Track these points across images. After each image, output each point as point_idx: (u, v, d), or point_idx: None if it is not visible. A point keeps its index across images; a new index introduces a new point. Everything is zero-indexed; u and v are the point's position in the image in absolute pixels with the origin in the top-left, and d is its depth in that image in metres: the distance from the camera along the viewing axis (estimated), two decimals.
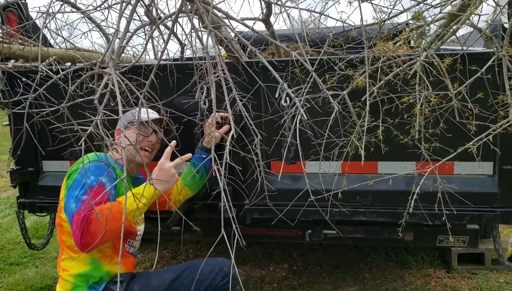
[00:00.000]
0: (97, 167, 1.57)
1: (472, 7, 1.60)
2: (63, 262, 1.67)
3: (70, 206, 1.51)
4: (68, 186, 1.59)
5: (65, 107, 1.14)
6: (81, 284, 1.62)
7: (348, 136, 1.72)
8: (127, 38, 1.25)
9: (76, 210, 1.46)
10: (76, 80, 1.22)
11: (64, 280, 1.66)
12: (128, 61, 2.60)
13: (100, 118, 0.99)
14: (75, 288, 1.63)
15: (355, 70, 1.73)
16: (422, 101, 1.62)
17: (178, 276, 1.71)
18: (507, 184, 1.87)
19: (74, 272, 1.63)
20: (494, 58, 1.52)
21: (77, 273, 1.63)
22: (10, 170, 2.31)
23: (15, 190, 2.40)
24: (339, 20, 1.73)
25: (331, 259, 3.36)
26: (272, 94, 1.94)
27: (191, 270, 1.72)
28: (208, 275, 1.71)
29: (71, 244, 1.61)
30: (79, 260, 1.63)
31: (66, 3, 2.01)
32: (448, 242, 2.22)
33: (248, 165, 1.96)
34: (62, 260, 1.67)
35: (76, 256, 1.63)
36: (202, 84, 1.43)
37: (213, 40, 1.20)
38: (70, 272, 1.64)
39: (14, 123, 2.22)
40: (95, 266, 1.64)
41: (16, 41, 2.27)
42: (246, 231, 1.91)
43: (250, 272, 3.16)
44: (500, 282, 2.87)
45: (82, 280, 1.63)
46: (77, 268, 1.63)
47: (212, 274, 1.72)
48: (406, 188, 1.89)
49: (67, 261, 1.65)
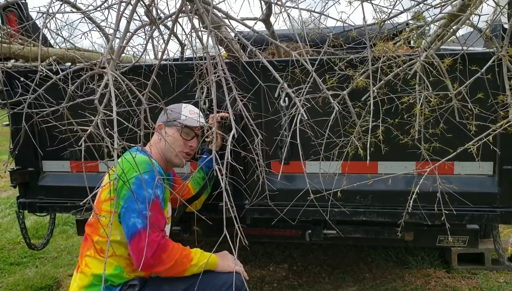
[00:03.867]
0: (149, 176, 1.58)
1: (472, 7, 1.60)
2: (88, 257, 1.67)
3: (132, 219, 1.53)
4: (124, 196, 1.56)
5: (65, 108, 1.14)
6: (99, 283, 1.64)
7: (348, 136, 1.72)
8: (127, 38, 1.25)
9: (143, 227, 1.51)
10: (76, 80, 1.22)
11: (83, 274, 1.67)
12: (128, 61, 2.60)
13: (100, 118, 0.99)
14: (92, 286, 1.64)
15: (355, 70, 1.73)
16: (422, 101, 1.62)
17: (190, 286, 1.66)
18: (507, 184, 1.87)
19: (96, 271, 1.64)
20: (494, 58, 1.52)
21: (99, 273, 1.63)
22: (10, 169, 2.31)
23: (15, 190, 2.40)
24: (339, 20, 1.73)
25: (331, 259, 3.36)
26: (272, 94, 1.95)
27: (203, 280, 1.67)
28: (219, 288, 1.67)
29: (103, 248, 1.63)
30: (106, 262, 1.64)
31: (66, 3, 2.01)
32: (448, 242, 2.22)
33: (248, 164, 1.97)
34: (87, 256, 1.68)
35: (102, 259, 1.63)
36: (202, 84, 1.43)
37: (213, 40, 1.20)
38: (92, 270, 1.64)
39: (13, 123, 2.22)
40: (118, 272, 1.64)
41: (16, 41, 2.27)
42: (246, 231, 1.90)
43: (250, 272, 3.16)
44: (500, 282, 2.87)
45: (101, 280, 1.64)
46: (99, 269, 1.64)
47: (224, 288, 1.67)
48: (406, 188, 1.89)
49: (92, 259, 1.65)
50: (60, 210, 2.40)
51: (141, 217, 1.52)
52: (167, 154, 1.79)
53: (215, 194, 1.90)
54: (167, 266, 1.55)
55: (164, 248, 1.53)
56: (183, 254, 1.60)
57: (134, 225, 1.52)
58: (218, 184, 1.04)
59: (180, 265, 1.58)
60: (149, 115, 1.12)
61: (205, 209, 2.12)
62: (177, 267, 1.58)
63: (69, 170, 2.34)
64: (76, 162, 2.32)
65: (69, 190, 2.30)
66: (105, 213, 1.62)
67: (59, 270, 3.30)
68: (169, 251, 1.55)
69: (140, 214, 1.52)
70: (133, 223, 1.52)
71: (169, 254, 1.55)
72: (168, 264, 1.55)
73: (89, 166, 2.22)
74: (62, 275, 3.21)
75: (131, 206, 1.53)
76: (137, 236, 1.51)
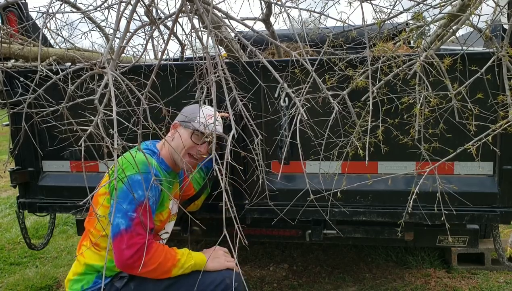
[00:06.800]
0: (144, 178, 1.57)
1: (472, 8, 1.60)
2: (85, 247, 1.72)
3: (117, 220, 1.54)
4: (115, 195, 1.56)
5: (65, 108, 1.14)
6: (92, 273, 1.69)
7: (348, 136, 1.72)
8: (127, 38, 1.25)
9: (125, 228, 1.53)
10: (76, 80, 1.22)
11: (78, 262, 1.73)
12: (128, 61, 2.60)
13: (100, 118, 0.99)
14: (85, 274, 1.69)
15: (355, 71, 1.73)
16: (422, 101, 1.62)
17: (175, 282, 1.65)
18: (507, 184, 1.87)
19: (90, 262, 1.69)
20: (493, 58, 1.52)
21: (92, 264, 1.68)
22: (10, 169, 2.31)
23: (15, 190, 2.40)
24: (339, 20, 1.73)
25: (331, 259, 3.36)
26: (272, 94, 1.95)
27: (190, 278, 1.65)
28: (207, 287, 1.64)
29: (98, 242, 1.67)
30: (99, 255, 1.69)
31: (66, 3, 2.01)
32: (448, 242, 2.22)
33: (248, 164, 1.97)
34: (84, 245, 1.73)
35: (96, 251, 1.69)
36: (202, 84, 1.43)
37: (213, 40, 1.20)
38: (86, 260, 1.69)
39: (13, 123, 2.22)
40: (111, 265, 1.66)
41: (16, 41, 2.27)
42: (246, 231, 1.91)
43: (250, 272, 3.16)
44: (500, 282, 2.87)
45: (94, 270, 1.69)
46: (93, 260, 1.69)
47: (212, 286, 1.64)
48: (406, 187, 1.89)
49: (88, 250, 1.70)
50: (60, 210, 2.40)
51: (126, 218, 1.54)
52: (174, 155, 1.78)
53: (215, 194, 1.90)
54: (150, 267, 1.57)
55: (147, 251, 1.54)
56: (167, 256, 1.61)
57: (117, 226, 1.54)
58: (218, 184, 1.04)
59: (164, 267, 1.60)
60: (148, 115, 1.12)
61: (205, 209, 2.12)
62: (160, 269, 1.59)
63: (69, 170, 2.35)
64: (76, 162, 2.32)
65: (69, 190, 2.31)
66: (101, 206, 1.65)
67: (59, 270, 3.30)
68: (151, 254, 1.57)
69: (125, 215, 1.54)
70: (117, 223, 1.54)
71: (152, 257, 1.57)
72: (151, 266, 1.57)
73: (89, 166, 2.22)
74: (62, 275, 3.21)
75: (118, 206, 1.55)
76: (119, 237, 1.54)
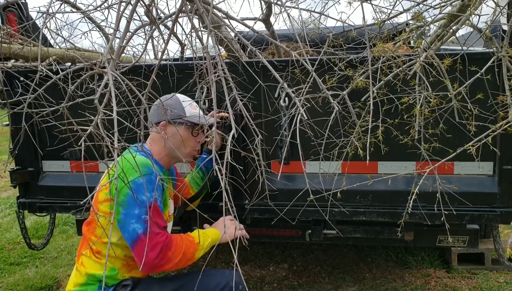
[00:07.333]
0: (147, 180, 1.56)
1: (472, 8, 1.60)
2: (84, 257, 1.66)
3: (132, 225, 1.52)
4: (122, 202, 1.55)
5: (65, 108, 1.14)
6: (94, 283, 1.64)
7: (348, 136, 1.72)
8: (127, 38, 1.25)
9: (143, 231, 1.51)
10: (76, 80, 1.22)
11: (78, 272, 1.67)
12: (128, 61, 2.60)
13: (100, 118, 0.99)
14: (86, 284, 1.64)
15: (355, 71, 1.73)
16: (422, 101, 1.62)
17: (180, 287, 1.66)
18: (507, 184, 1.87)
19: (91, 271, 1.63)
20: (493, 58, 1.52)
21: (93, 273, 1.63)
22: (10, 169, 2.31)
23: (15, 190, 2.40)
24: (339, 20, 1.73)
25: (331, 259, 3.36)
26: (272, 94, 1.95)
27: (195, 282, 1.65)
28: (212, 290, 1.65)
29: (99, 250, 1.63)
30: (100, 263, 1.63)
31: (66, 3, 2.01)
32: (448, 242, 2.22)
33: (248, 164, 1.97)
34: (84, 255, 1.67)
35: (97, 260, 1.64)
36: (202, 84, 1.43)
37: (213, 40, 1.20)
38: (87, 269, 1.64)
39: (13, 123, 2.22)
40: (113, 273, 1.64)
41: (16, 41, 2.27)
42: (246, 231, 1.91)
43: (250, 272, 3.16)
44: (500, 282, 2.87)
45: (96, 280, 1.64)
46: (94, 269, 1.63)
47: (217, 289, 1.65)
48: (406, 188, 1.89)
49: (88, 259, 1.65)
50: (60, 210, 2.40)
51: (140, 222, 1.52)
52: (174, 153, 1.72)
53: (215, 194, 1.90)
54: (176, 260, 1.56)
55: (169, 246, 1.54)
56: (187, 244, 1.62)
57: (134, 231, 1.51)
58: (218, 184, 1.04)
59: (188, 255, 1.60)
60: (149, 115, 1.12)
61: (205, 209, 2.12)
62: (185, 258, 1.59)
63: (69, 170, 2.35)
64: (76, 162, 2.32)
65: (69, 190, 2.30)
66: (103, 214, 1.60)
67: (59, 270, 3.30)
68: (174, 247, 1.56)
69: (139, 219, 1.52)
70: (133, 229, 1.51)
71: (175, 250, 1.56)
72: (176, 259, 1.56)
73: (89, 165, 2.22)
74: (62, 275, 3.21)
75: (129, 211, 1.53)
76: (139, 241, 1.51)
